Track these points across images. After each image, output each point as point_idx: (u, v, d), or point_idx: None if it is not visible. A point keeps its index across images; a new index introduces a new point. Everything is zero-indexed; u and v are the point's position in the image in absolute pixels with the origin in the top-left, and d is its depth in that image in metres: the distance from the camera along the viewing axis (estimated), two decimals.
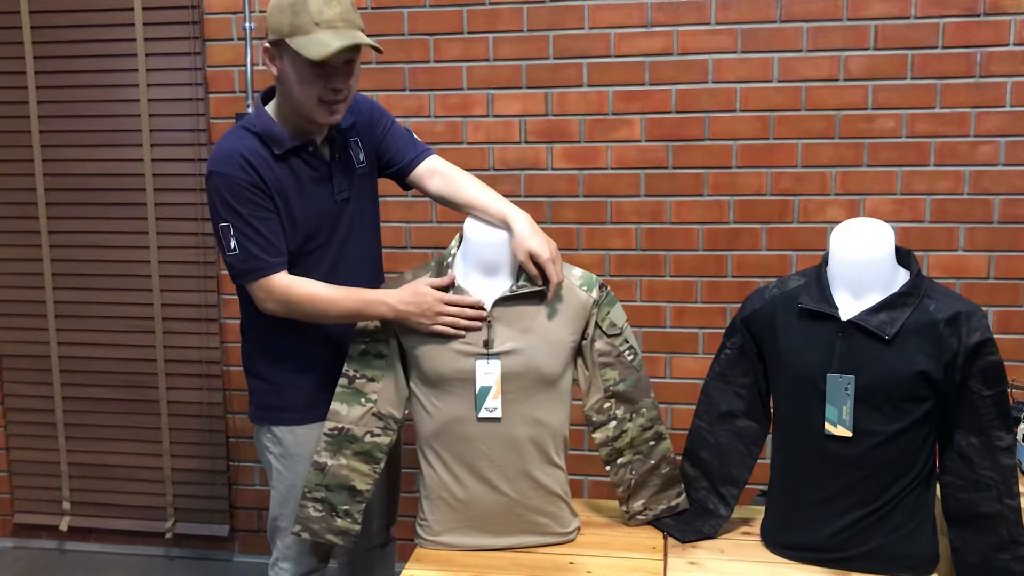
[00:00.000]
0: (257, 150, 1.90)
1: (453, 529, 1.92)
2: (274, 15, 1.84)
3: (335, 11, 1.80)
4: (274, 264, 1.90)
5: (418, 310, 1.85)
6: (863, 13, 2.73)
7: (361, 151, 2.06)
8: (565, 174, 2.95)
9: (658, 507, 2.01)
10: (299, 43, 1.79)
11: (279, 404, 2.07)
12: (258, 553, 3.32)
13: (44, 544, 3.48)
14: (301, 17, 1.79)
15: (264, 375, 2.07)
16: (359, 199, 2.06)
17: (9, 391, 3.40)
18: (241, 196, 1.87)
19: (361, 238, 2.09)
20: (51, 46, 3.17)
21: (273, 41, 1.86)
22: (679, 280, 2.94)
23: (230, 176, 1.87)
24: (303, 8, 1.79)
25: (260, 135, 1.91)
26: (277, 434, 2.07)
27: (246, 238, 1.89)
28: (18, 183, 3.27)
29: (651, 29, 2.84)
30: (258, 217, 1.89)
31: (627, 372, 1.94)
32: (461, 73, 2.96)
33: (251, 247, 1.89)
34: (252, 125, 1.93)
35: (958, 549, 1.79)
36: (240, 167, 1.87)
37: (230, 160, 1.88)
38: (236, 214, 1.88)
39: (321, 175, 1.98)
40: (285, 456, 2.07)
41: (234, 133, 1.94)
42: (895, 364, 1.71)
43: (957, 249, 2.79)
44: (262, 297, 1.93)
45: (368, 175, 2.09)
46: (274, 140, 1.91)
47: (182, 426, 3.30)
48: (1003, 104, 2.71)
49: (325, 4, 1.79)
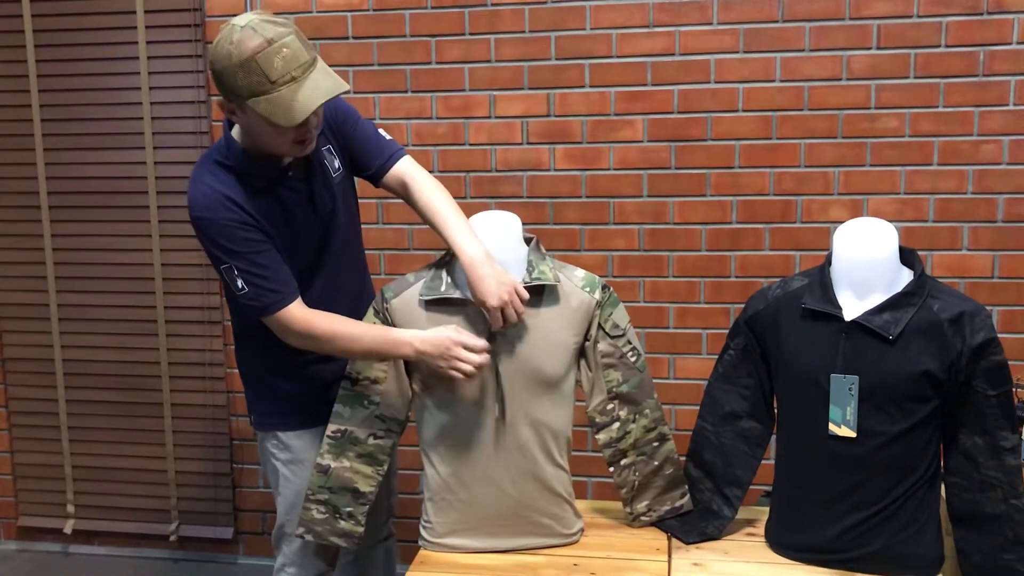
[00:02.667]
0: (236, 185, 1.83)
1: (457, 531, 1.92)
2: (223, 76, 1.69)
3: (286, 60, 1.66)
4: (287, 294, 1.86)
5: (437, 352, 1.81)
6: (865, 12, 2.73)
7: (336, 158, 1.99)
8: (567, 175, 2.95)
9: (662, 508, 2.01)
10: (262, 107, 1.68)
11: (285, 410, 2.06)
12: (262, 556, 3.32)
13: (48, 547, 3.48)
14: (253, 77, 1.66)
15: (267, 383, 2.06)
16: (342, 206, 2.02)
17: (13, 394, 3.40)
18: (234, 236, 1.82)
19: (352, 241, 2.09)
20: (53, 49, 3.18)
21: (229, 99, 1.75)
22: (682, 281, 2.93)
23: (217, 220, 1.81)
24: (252, 68, 1.65)
25: (233, 169, 1.85)
26: (283, 440, 2.07)
27: (252, 275, 1.84)
28: (21, 186, 3.28)
29: (653, 29, 2.84)
30: (257, 252, 1.84)
31: (630, 373, 1.94)
32: (463, 74, 2.96)
33: (260, 283, 1.84)
34: (225, 159, 1.86)
35: (963, 550, 1.78)
36: (224, 207, 1.81)
37: (213, 203, 1.81)
38: (234, 255, 1.83)
39: (303, 197, 1.93)
40: (293, 462, 2.07)
41: (207, 169, 1.86)
42: (899, 364, 1.70)
43: (961, 248, 2.78)
44: (284, 330, 1.89)
45: (345, 178, 2.04)
46: (251, 174, 1.85)
47: (186, 429, 3.30)
48: (1006, 103, 2.70)
49: (275, 55, 1.65)
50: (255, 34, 1.65)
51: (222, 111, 1.80)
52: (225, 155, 1.86)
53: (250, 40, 1.65)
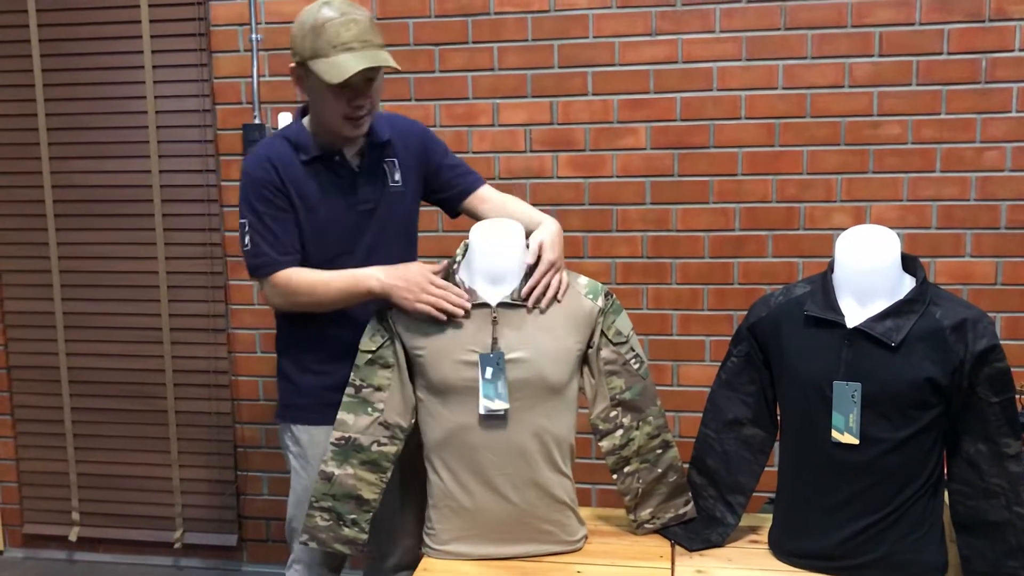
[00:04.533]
0: (285, 154, 2.01)
1: (460, 538, 1.92)
2: (296, 39, 1.93)
3: (352, 33, 1.88)
4: (281, 262, 1.99)
5: (404, 284, 1.89)
6: (867, 20, 2.74)
7: (397, 171, 2.12)
8: (570, 182, 2.95)
9: (665, 515, 2.01)
10: (319, 66, 1.88)
11: (298, 403, 2.12)
12: (266, 563, 3.32)
13: (54, 555, 3.49)
14: (320, 41, 1.88)
15: (286, 373, 2.14)
16: (389, 215, 2.11)
17: (19, 402, 3.42)
18: (260, 194, 1.98)
19: (391, 252, 2.10)
20: (59, 59, 3.20)
21: (297, 63, 1.95)
22: (685, 288, 2.94)
23: (253, 176, 1.99)
24: (322, 32, 1.87)
25: (290, 140, 2.03)
26: (296, 433, 2.12)
27: (259, 235, 1.99)
28: (27, 195, 3.30)
29: (656, 38, 2.85)
30: (272, 216, 1.98)
31: (633, 380, 1.94)
32: (466, 82, 2.97)
33: (262, 244, 1.99)
34: (286, 132, 2.06)
35: (967, 557, 1.78)
36: (263, 168, 1.99)
37: (257, 162, 2.00)
38: (254, 212, 1.99)
39: (345, 184, 2.04)
40: (302, 456, 2.12)
41: (270, 139, 2.08)
42: (902, 371, 1.70)
43: (964, 255, 2.78)
44: (269, 293, 2.03)
45: (403, 195, 2.14)
46: (301, 147, 2.01)
47: (191, 436, 3.30)
48: (1009, 110, 2.71)
49: (343, 27, 1.87)
50: (333, 8, 1.89)
51: (293, 77, 1.99)
52: (288, 131, 2.06)
53: (328, 12, 1.89)
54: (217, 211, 3.17)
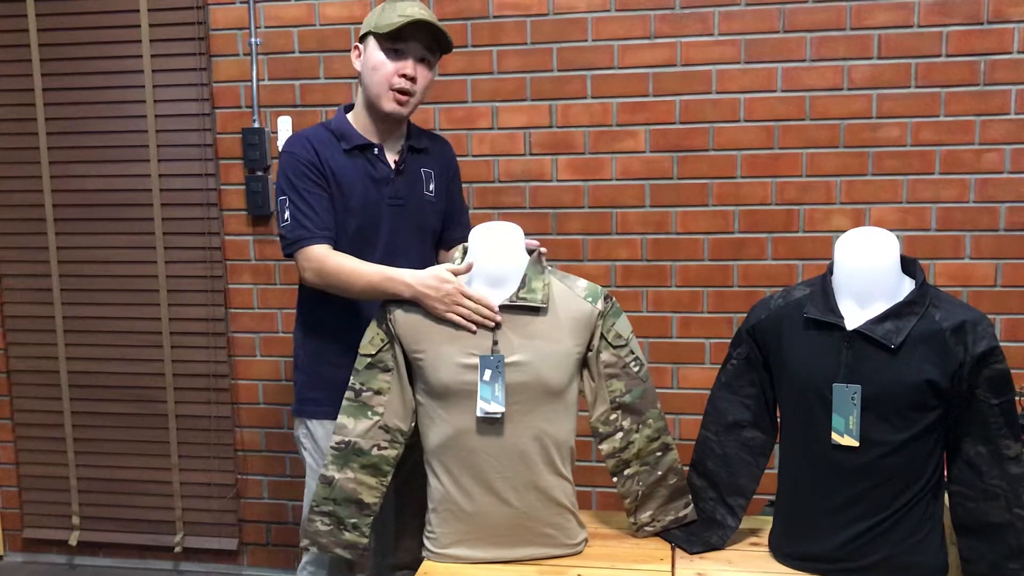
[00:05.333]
0: (327, 139, 2.11)
1: (460, 541, 1.92)
2: (368, 17, 2.10)
3: (417, 8, 2.04)
4: (317, 236, 2.05)
5: (436, 295, 1.88)
6: (866, 22, 2.74)
7: (432, 183, 2.22)
8: (570, 186, 2.96)
9: (666, 518, 2.01)
10: (380, 25, 2.04)
11: (314, 397, 2.15)
12: (267, 567, 3.32)
13: (54, 559, 3.49)
14: (386, 12, 2.05)
15: (303, 366, 2.18)
16: (418, 218, 2.17)
17: (19, 406, 3.42)
18: (299, 171, 2.06)
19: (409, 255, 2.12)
20: (59, 63, 3.20)
21: (361, 37, 2.10)
22: (685, 290, 2.94)
23: (293, 153, 2.08)
24: (391, 8, 2.04)
25: (332, 130, 2.13)
26: (311, 427, 2.16)
27: (298, 210, 2.05)
28: (26, 199, 3.30)
29: (654, 41, 2.85)
30: (311, 192, 2.06)
31: (633, 383, 1.94)
32: (465, 86, 2.97)
33: (300, 218, 2.05)
34: (328, 124, 2.16)
35: (967, 558, 1.78)
36: (303, 147, 2.08)
37: (298, 141, 2.10)
38: (293, 188, 2.06)
39: (381, 176, 2.12)
40: (316, 450, 2.15)
41: (311, 127, 2.17)
42: (901, 373, 1.70)
43: (963, 257, 2.79)
44: (303, 266, 2.07)
45: (434, 205, 2.21)
46: (344, 136, 2.11)
47: (191, 440, 3.30)
48: (1008, 112, 2.71)
49: (407, 4, 2.04)
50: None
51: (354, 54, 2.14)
52: (330, 122, 2.16)
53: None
54: (217, 215, 3.17)
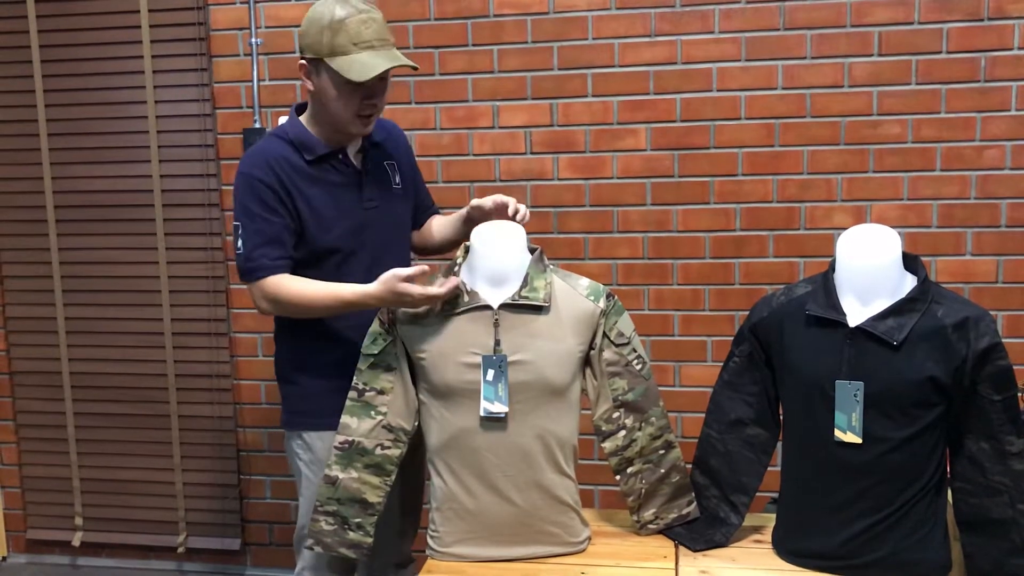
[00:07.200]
0: (286, 155, 1.99)
1: (464, 540, 1.92)
2: (311, 34, 1.91)
3: (372, 31, 1.89)
4: (273, 267, 1.97)
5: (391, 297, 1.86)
6: (867, 19, 2.74)
7: (397, 174, 2.15)
8: (571, 184, 2.96)
9: (669, 516, 2.01)
10: (340, 64, 1.88)
11: (310, 409, 2.10)
12: (270, 567, 3.33)
13: (57, 560, 3.49)
14: (339, 38, 1.88)
15: (295, 380, 2.12)
16: (393, 215, 2.13)
17: (21, 407, 3.42)
18: (255, 196, 1.96)
19: (398, 252, 2.13)
20: (59, 64, 3.20)
21: (310, 59, 1.94)
22: (687, 288, 2.94)
23: (250, 176, 1.96)
24: (341, 29, 1.87)
25: (292, 142, 2.01)
26: (307, 440, 2.11)
27: (252, 239, 1.96)
28: (28, 200, 3.30)
29: (655, 39, 2.85)
30: (266, 219, 1.96)
31: (636, 381, 1.94)
32: (466, 85, 2.97)
33: (252, 249, 1.96)
34: (285, 133, 2.02)
35: (971, 555, 1.78)
36: (262, 169, 1.96)
37: (255, 162, 1.98)
38: (249, 214, 1.96)
39: (350, 182, 2.05)
40: (315, 462, 2.10)
41: (267, 140, 2.04)
42: (904, 370, 1.70)
43: (965, 254, 2.79)
44: (257, 296, 2.00)
45: (403, 198, 2.17)
46: (306, 147, 2.00)
47: (193, 440, 3.30)
48: (1008, 108, 2.71)
49: (362, 25, 1.88)
50: (349, 6, 1.90)
51: (301, 72, 1.97)
52: (287, 131, 2.03)
53: (344, 9, 1.89)
54: (218, 215, 3.17)
